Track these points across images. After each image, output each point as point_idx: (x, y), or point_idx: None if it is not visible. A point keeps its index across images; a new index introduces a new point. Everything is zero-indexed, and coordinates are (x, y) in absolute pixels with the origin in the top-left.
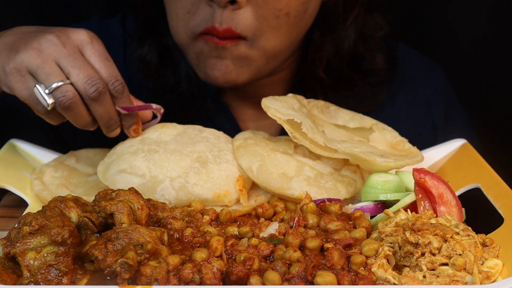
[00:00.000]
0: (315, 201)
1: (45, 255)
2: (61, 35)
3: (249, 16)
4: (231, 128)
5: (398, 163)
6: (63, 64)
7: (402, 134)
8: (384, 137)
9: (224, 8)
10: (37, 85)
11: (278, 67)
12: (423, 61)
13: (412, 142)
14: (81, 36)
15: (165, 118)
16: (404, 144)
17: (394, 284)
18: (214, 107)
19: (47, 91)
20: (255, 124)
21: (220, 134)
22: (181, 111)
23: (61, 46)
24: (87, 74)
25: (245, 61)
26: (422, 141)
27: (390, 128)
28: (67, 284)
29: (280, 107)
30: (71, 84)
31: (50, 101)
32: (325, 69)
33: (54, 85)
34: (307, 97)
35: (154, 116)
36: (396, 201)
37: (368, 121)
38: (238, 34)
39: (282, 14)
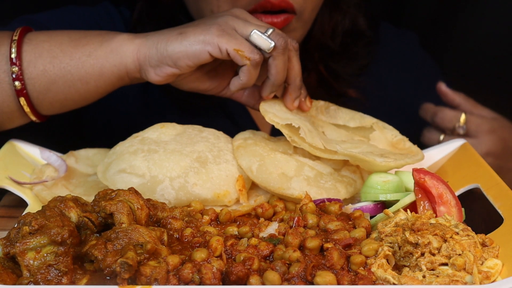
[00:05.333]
0: (314, 201)
1: (45, 255)
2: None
3: None
4: (239, 114)
5: (398, 163)
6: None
7: (390, 94)
8: (384, 136)
9: None
10: (255, 30)
11: None
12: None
13: (400, 104)
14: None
15: (174, 107)
16: (405, 143)
17: (394, 284)
18: None
19: (266, 34)
20: None
21: (220, 134)
22: (194, 99)
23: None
24: (278, 31)
25: (291, 34)
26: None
27: (390, 127)
28: (66, 284)
29: (278, 110)
30: None
31: (272, 42)
32: (331, 35)
33: (270, 30)
34: (306, 67)
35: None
36: (396, 201)
37: (368, 120)
38: (292, 5)
39: None
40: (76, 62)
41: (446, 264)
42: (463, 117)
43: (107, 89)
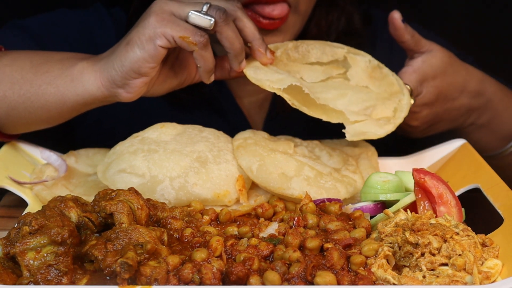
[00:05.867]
0: (314, 201)
1: (45, 255)
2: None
3: None
4: (230, 109)
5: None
6: None
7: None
8: (360, 67)
9: None
10: (191, 11)
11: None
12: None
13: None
14: None
15: (164, 106)
16: (382, 70)
17: (394, 284)
18: (212, 85)
19: (202, 11)
20: (252, 99)
21: (220, 133)
22: (183, 94)
23: None
24: (214, 2)
25: (289, 30)
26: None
27: (362, 52)
28: (66, 284)
29: (267, 74)
30: None
31: (211, 18)
32: (326, 31)
33: (205, 7)
34: None
35: None
36: (396, 201)
37: (339, 52)
38: None
39: None
40: (36, 89)
41: (446, 264)
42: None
43: (72, 114)
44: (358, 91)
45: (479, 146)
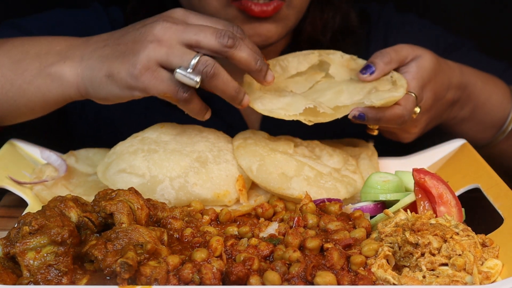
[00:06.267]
0: (314, 201)
1: (45, 255)
2: (166, 17)
3: None
4: (226, 109)
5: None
6: (187, 38)
7: None
8: (337, 63)
9: None
10: (177, 70)
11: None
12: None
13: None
14: (180, 12)
15: (159, 105)
16: (356, 61)
17: (394, 284)
18: None
19: (189, 69)
20: None
21: (220, 133)
22: None
23: (174, 25)
24: (212, 31)
25: (283, 21)
26: None
27: (331, 51)
28: (67, 284)
29: (273, 101)
30: (204, 55)
31: (197, 78)
32: (321, 30)
33: (193, 61)
34: None
35: None
36: (396, 201)
37: (312, 57)
38: None
39: None
40: (17, 89)
41: (446, 265)
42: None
43: (56, 108)
44: (350, 83)
45: (468, 139)
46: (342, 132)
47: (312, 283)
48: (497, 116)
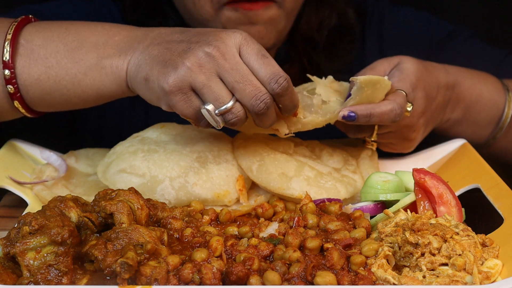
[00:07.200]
0: (314, 201)
1: (45, 255)
2: (218, 44)
3: None
4: None
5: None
6: (227, 79)
7: None
8: (321, 84)
9: None
10: (206, 107)
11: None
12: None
13: None
14: (237, 40)
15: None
16: (339, 82)
17: (394, 284)
18: None
19: (217, 111)
20: None
21: (220, 133)
22: None
23: (222, 58)
24: (252, 89)
25: (273, 24)
26: None
27: (311, 80)
28: (67, 284)
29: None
30: (238, 101)
31: (221, 123)
32: (317, 29)
33: (224, 108)
34: (290, 58)
35: None
36: (396, 201)
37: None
38: None
39: None
40: (72, 78)
41: (446, 264)
42: None
43: (110, 100)
44: (337, 94)
45: (466, 140)
46: (342, 132)
47: (312, 283)
48: (491, 113)
